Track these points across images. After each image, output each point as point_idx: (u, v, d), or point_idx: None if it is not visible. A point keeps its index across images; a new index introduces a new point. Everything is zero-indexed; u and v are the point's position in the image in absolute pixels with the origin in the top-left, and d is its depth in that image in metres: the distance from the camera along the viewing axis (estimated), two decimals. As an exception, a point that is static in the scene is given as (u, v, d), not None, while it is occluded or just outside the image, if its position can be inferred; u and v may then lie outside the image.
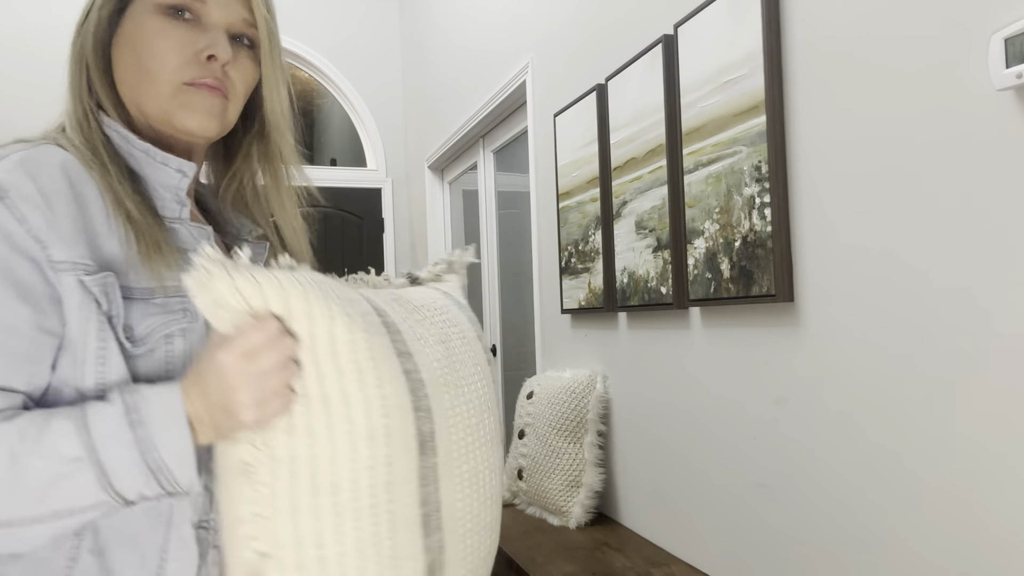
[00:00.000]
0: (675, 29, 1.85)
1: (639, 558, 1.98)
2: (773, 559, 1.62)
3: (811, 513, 1.51)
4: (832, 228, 1.42)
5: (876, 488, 1.34)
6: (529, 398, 2.55)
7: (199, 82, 0.74)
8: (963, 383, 1.17)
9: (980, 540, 1.16)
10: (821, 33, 1.44)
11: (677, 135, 1.88)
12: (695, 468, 1.90)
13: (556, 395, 2.36)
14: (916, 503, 1.27)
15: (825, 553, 1.47)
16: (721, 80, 1.67)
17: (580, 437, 2.32)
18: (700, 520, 1.89)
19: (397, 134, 5.39)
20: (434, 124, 4.51)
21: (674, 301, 1.90)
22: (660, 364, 2.05)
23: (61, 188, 0.64)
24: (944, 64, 1.19)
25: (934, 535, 1.23)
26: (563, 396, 2.34)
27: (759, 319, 1.64)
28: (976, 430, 1.16)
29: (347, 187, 5.26)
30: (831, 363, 1.44)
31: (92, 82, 0.74)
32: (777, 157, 1.52)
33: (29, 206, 0.62)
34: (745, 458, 1.70)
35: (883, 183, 1.31)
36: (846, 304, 1.40)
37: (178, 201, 0.76)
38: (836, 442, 1.43)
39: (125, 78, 0.74)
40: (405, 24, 5.22)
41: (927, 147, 1.22)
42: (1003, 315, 1.11)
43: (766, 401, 1.62)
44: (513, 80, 3.13)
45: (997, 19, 1.10)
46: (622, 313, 2.25)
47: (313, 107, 5.29)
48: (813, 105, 1.46)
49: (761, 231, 1.56)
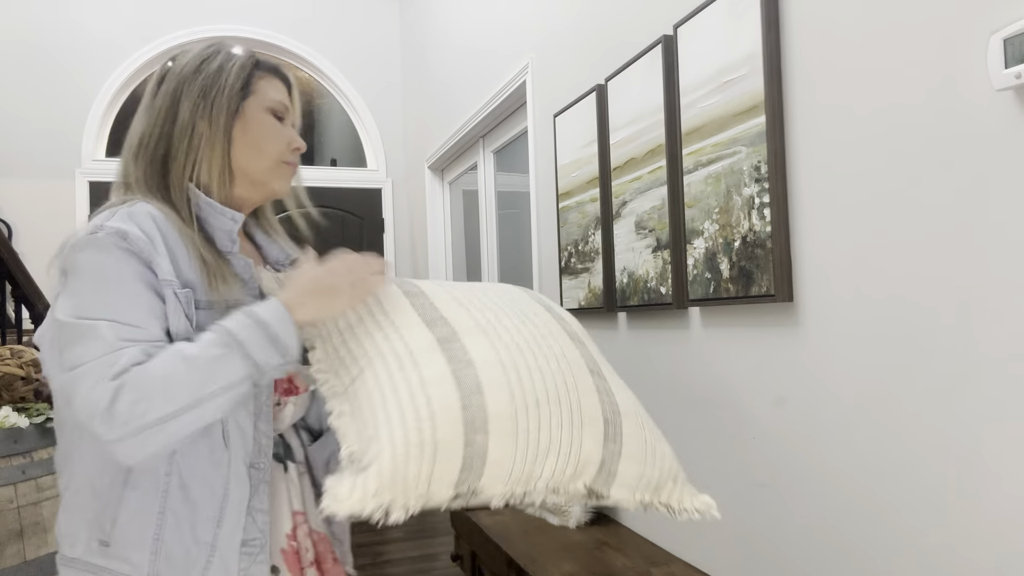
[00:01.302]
0: (675, 30, 1.85)
1: (639, 558, 1.98)
2: (773, 558, 1.62)
3: (811, 513, 1.51)
4: (832, 228, 1.42)
5: (876, 487, 1.35)
6: (529, 398, 2.55)
7: (290, 162, 1.12)
8: (962, 383, 1.18)
9: (979, 539, 1.16)
10: (820, 34, 1.44)
11: (677, 135, 1.88)
12: (695, 468, 1.90)
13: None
14: (915, 503, 1.27)
15: (825, 552, 1.47)
16: (721, 80, 1.68)
17: (580, 437, 2.31)
18: (700, 520, 1.89)
19: (397, 134, 5.39)
20: (434, 124, 4.52)
21: (674, 301, 1.90)
22: (660, 364, 2.05)
23: (154, 232, 0.94)
24: (943, 65, 1.19)
25: (934, 534, 1.24)
26: (563, 396, 2.34)
27: (758, 319, 1.64)
28: (975, 430, 1.16)
29: (347, 187, 5.26)
30: (831, 363, 1.44)
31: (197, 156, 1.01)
32: (776, 157, 1.53)
33: (140, 244, 0.92)
34: (745, 458, 1.70)
35: (882, 183, 1.31)
36: (845, 304, 1.40)
37: (231, 240, 1.04)
38: (835, 442, 1.44)
39: (239, 151, 1.04)
40: (405, 24, 5.23)
41: (926, 147, 1.22)
42: (1002, 315, 1.11)
43: (766, 401, 1.63)
44: (513, 80, 3.13)
45: (996, 19, 1.10)
46: (622, 313, 2.26)
47: (313, 107, 5.29)
48: (813, 105, 1.46)
49: (760, 231, 1.56)
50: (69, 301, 0.88)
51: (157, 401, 0.81)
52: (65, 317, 0.86)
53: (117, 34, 4.82)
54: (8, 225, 4.53)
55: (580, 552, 2.05)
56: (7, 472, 1.85)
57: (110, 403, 0.80)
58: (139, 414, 0.80)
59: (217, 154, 1.01)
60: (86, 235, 0.90)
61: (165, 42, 4.89)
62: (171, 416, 0.81)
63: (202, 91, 1.00)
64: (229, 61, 1.03)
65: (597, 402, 0.94)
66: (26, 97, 4.64)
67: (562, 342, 0.99)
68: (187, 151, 0.99)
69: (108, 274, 0.88)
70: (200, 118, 0.99)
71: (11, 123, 4.60)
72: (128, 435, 0.80)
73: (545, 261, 2.86)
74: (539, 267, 2.92)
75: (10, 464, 1.86)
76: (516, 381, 0.88)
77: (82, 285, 0.88)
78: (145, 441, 0.81)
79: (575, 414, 0.91)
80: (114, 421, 0.80)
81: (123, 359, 0.83)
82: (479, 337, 0.92)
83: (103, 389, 0.81)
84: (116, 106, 4.86)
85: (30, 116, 4.64)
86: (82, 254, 0.89)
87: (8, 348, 2.11)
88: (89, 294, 0.87)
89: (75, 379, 0.83)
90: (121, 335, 0.85)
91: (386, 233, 5.33)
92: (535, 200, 2.94)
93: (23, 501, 1.87)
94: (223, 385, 0.85)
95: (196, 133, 0.99)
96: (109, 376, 0.81)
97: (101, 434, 0.81)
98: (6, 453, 1.86)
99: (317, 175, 5.21)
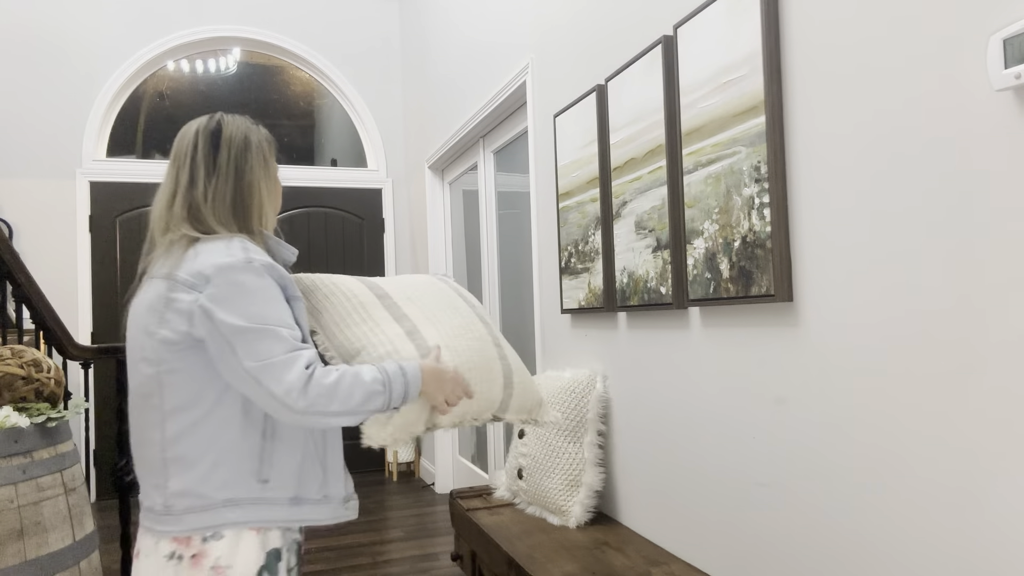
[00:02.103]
0: (675, 30, 1.86)
1: (639, 557, 1.98)
2: (772, 558, 1.62)
3: (810, 512, 1.51)
4: (831, 228, 1.43)
5: (875, 487, 1.35)
6: (529, 398, 2.57)
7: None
8: (961, 382, 1.18)
9: (979, 539, 1.16)
10: (820, 34, 1.44)
11: (677, 135, 1.88)
12: (695, 467, 1.90)
13: (556, 395, 2.36)
14: (915, 502, 1.27)
15: (824, 552, 1.47)
16: (721, 81, 1.68)
17: (580, 437, 2.32)
18: (700, 519, 1.89)
19: (397, 134, 5.39)
20: (434, 124, 4.52)
21: (674, 301, 1.90)
22: (660, 364, 2.05)
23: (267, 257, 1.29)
24: (943, 65, 1.19)
25: (933, 534, 1.24)
26: (563, 396, 2.35)
27: (758, 319, 1.64)
28: (974, 429, 1.16)
29: (348, 187, 5.27)
30: (830, 363, 1.44)
31: (263, 205, 1.37)
32: (776, 157, 1.53)
33: (279, 273, 1.27)
34: (744, 457, 1.70)
35: (882, 183, 1.31)
36: (845, 304, 1.40)
37: (287, 266, 1.38)
38: (835, 441, 1.44)
39: (274, 200, 1.43)
40: (405, 24, 5.23)
41: (926, 147, 1.22)
42: (1001, 315, 1.11)
43: (765, 401, 1.63)
44: (513, 80, 3.13)
45: (996, 20, 1.10)
46: (622, 313, 2.26)
47: (313, 107, 5.30)
48: (812, 106, 1.46)
49: (760, 231, 1.56)
50: (244, 311, 1.21)
51: (335, 403, 1.21)
52: (245, 323, 1.20)
53: (117, 34, 4.83)
54: (8, 225, 4.54)
55: (580, 552, 2.05)
56: (7, 472, 1.85)
57: (303, 387, 1.18)
58: (322, 405, 1.20)
59: (272, 203, 1.42)
60: (242, 263, 1.23)
61: (165, 42, 4.89)
62: (336, 415, 1.22)
63: (259, 160, 1.38)
64: (262, 136, 1.42)
65: (499, 366, 1.48)
66: (27, 97, 4.64)
67: (476, 325, 1.51)
68: (257, 203, 1.37)
69: (269, 294, 1.24)
70: (262, 180, 1.38)
71: (12, 123, 4.61)
72: (308, 413, 1.19)
73: (545, 261, 2.86)
74: (539, 267, 2.93)
75: (10, 464, 1.87)
76: (456, 356, 1.40)
77: (253, 300, 1.22)
78: (315, 420, 1.21)
79: (487, 373, 1.45)
80: (303, 401, 1.19)
81: (306, 355, 1.22)
82: (430, 328, 1.43)
83: (297, 376, 1.19)
84: (117, 106, 4.87)
85: (31, 116, 4.64)
86: (244, 276, 1.23)
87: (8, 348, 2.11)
88: (262, 307, 1.22)
89: (268, 367, 1.19)
90: (293, 336, 1.23)
91: (386, 233, 5.33)
92: (535, 200, 2.94)
93: (23, 501, 1.87)
94: (369, 411, 1.26)
95: (260, 190, 1.37)
96: (301, 367, 1.20)
97: (290, 404, 1.18)
98: (6, 453, 1.86)
99: (317, 175, 5.21)
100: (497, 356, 1.49)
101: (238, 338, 1.19)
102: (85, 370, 2.87)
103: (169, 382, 1.24)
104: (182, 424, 1.25)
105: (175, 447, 1.25)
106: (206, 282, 1.22)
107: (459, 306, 1.54)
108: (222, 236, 1.29)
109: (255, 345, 1.19)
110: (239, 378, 1.21)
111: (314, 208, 5.18)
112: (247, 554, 1.26)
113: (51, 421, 1.99)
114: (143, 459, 1.29)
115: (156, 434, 1.26)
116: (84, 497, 2.11)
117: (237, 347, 1.19)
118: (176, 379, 1.24)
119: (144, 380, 1.27)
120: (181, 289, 1.23)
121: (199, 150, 1.35)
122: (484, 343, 1.48)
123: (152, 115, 4.97)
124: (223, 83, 5.11)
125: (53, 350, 4.01)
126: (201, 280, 1.22)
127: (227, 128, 1.37)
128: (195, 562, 1.24)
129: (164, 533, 1.24)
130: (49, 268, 4.61)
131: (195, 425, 1.25)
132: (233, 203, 1.34)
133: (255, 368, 1.19)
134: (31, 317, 2.65)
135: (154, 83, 4.97)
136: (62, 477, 2.01)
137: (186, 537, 1.24)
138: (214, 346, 1.21)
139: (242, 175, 1.35)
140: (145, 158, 4.94)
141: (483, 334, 1.50)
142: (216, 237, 1.29)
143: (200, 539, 1.24)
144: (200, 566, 1.24)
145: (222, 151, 1.35)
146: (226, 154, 1.36)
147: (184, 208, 1.32)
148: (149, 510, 1.27)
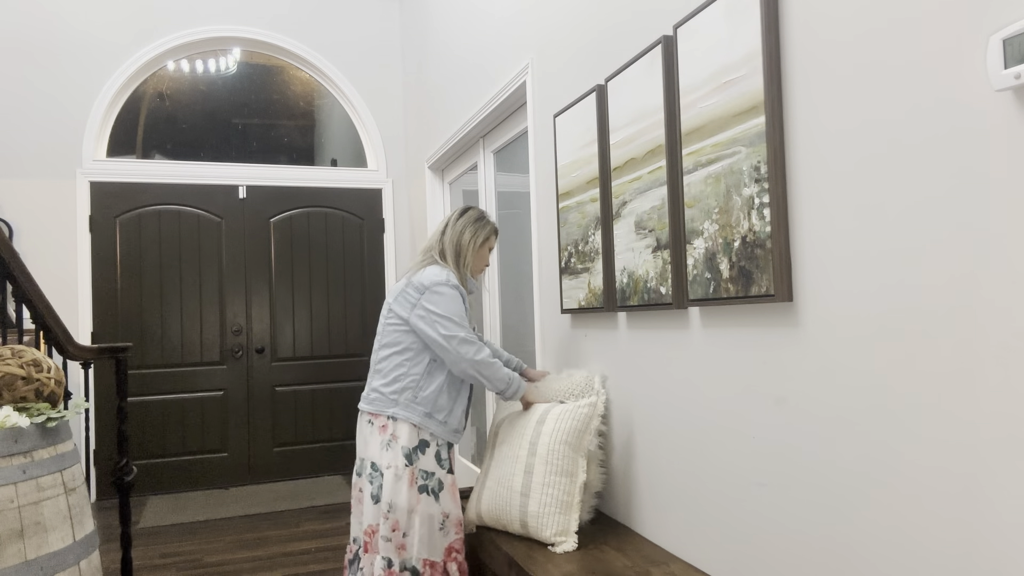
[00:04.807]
0: (674, 30, 1.86)
1: (639, 558, 1.98)
2: (772, 558, 1.62)
3: (810, 512, 1.51)
4: (831, 228, 1.43)
5: (874, 487, 1.35)
6: (529, 398, 2.58)
7: (485, 267, 2.52)
8: (961, 382, 1.18)
9: (979, 538, 1.16)
10: (820, 34, 1.44)
11: (676, 135, 1.88)
12: (695, 467, 1.90)
13: (556, 395, 2.36)
14: (914, 502, 1.27)
15: (824, 552, 1.47)
16: (720, 81, 1.68)
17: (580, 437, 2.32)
18: (700, 519, 1.89)
19: (397, 134, 5.39)
20: (434, 124, 4.52)
21: (673, 301, 1.90)
22: (660, 364, 2.05)
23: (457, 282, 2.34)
24: (943, 65, 1.19)
25: (933, 533, 1.24)
26: (563, 396, 2.34)
27: (758, 319, 1.64)
28: (974, 429, 1.16)
29: (348, 187, 5.26)
30: (830, 363, 1.44)
31: (468, 258, 2.39)
32: (776, 157, 1.53)
33: (462, 292, 2.30)
34: (744, 457, 1.70)
35: (882, 183, 1.31)
36: (845, 304, 1.40)
37: (471, 291, 2.43)
38: (835, 441, 1.44)
39: (478, 260, 2.43)
40: (405, 24, 5.23)
41: (926, 147, 1.22)
42: (1001, 315, 1.11)
43: (765, 400, 1.63)
44: (513, 81, 3.13)
45: (996, 20, 1.10)
46: (622, 313, 2.26)
47: (313, 107, 5.30)
48: (812, 106, 1.46)
49: (760, 231, 1.56)
50: (444, 308, 2.22)
51: (484, 372, 2.23)
52: (445, 313, 2.21)
53: (117, 34, 4.83)
54: (9, 225, 4.54)
55: (580, 552, 2.05)
56: (7, 472, 1.85)
57: (474, 356, 2.21)
58: (481, 368, 2.22)
59: (471, 259, 2.40)
60: (446, 284, 2.25)
61: (165, 42, 4.89)
62: (481, 378, 2.24)
63: (473, 232, 2.39)
64: (489, 223, 2.43)
65: (520, 481, 2.20)
66: (27, 97, 4.64)
67: (521, 451, 2.27)
68: (465, 255, 2.37)
69: (458, 304, 2.25)
70: (470, 243, 2.38)
71: (12, 123, 4.61)
72: (471, 370, 2.22)
73: (545, 261, 2.86)
74: (539, 267, 2.92)
75: (10, 464, 1.87)
76: (495, 485, 2.28)
77: (450, 304, 2.23)
78: (471, 375, 2.23)
79: (512, 491, 2.21)
80: (473, 362, 2.21)
81: (475, 341, 2.23)
82: (493, 466, 2.35)
83: (473, 351, 2.22)
84: (117, 106, 4.87)
85: (31, 116, 4.64)
86: (446, 289, 2.24)
87: (8, 348, 2.11)
88: (454, 308, 2.23)
89: (457, 342, 2.20)
90: (467, 327, 2.24)
91: (386, 233, 5.33)
92: (535, 200, 2.94)
93: (23, 501, 1.87)
94: (493, 389, 2.29)
95: (467, 249, 2.38)
96: (475, 346, 2.22)
97: (469, 356, 2.21)
98: (6, 453, 1.86)
99: (317, 175, 5.21)
100: (522, 471, 2.24)
101: (437, 320, 2.21)
102: (85, 370, 2.87)
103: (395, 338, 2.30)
104: (418, 377, 2.27)
105: (383, 365, 2.30)
106: (424, 289, 2.25)
107: (520, 436, 2.33)
108: (439, 263, 2.33)
109: (448, 328, 2.21)
110: (433, 342, 2.21)
111: (314, 208, 5.18)
112: (406, 437, 2.20)
113: (51, 421, 1.99)
114: (376, 370, 2.30)
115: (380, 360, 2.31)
116: (84, 497, 2.11)
117: (437, 325, 2.21)
118: (401, 336, 2.28)
119: (384, 331, 2.31)
120: (412, 288, 2.29)
121: (451, 217, 2.41)
122: (514, 464, 2.29)
123: (152, 115, 4.97)
124: (223, 83, 5.11)
125: (53, 350, 4.01)
126: (422, 288, 2.26)
127: (470, 212, 2.41)
128: (383, 430, 2.23)
129: (365, 412, 2.29)
130: (49, 268, 4.61)
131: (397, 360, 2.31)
132: (455, 252, 2.37)
133: (446, 336, 2.20)
134: (31, 317, 2.65)
135: (154, 83, 4.97)
136: (62, 477, 2.01)
137: (378, 415, 2.25)
138: (423, 324, 2.22)
139: (462, 239, 2.38)
140: (145, 158, 4.94)
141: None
142: (440, 264, 2.34)
143: (386, 418, 2.24)
144: (384, 432, 2.23)
145: (460, 221, 2.40)
146: (461, 225, 2.39)
147: (436, 245, 2.39)
148: (367, 398, 2.30)
